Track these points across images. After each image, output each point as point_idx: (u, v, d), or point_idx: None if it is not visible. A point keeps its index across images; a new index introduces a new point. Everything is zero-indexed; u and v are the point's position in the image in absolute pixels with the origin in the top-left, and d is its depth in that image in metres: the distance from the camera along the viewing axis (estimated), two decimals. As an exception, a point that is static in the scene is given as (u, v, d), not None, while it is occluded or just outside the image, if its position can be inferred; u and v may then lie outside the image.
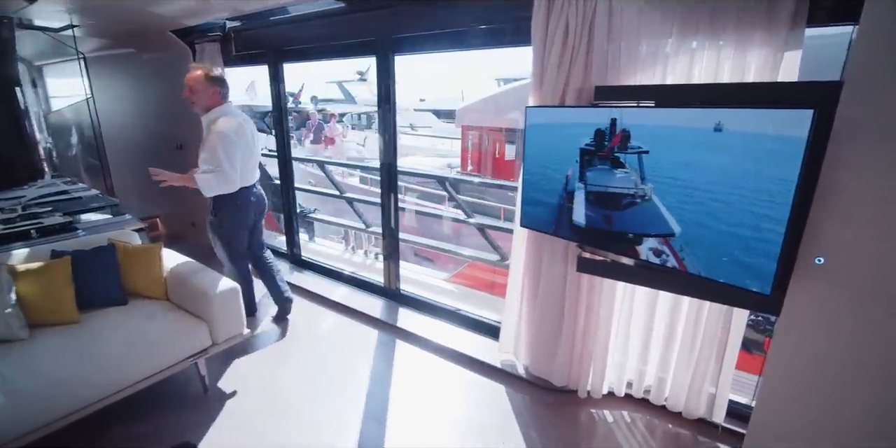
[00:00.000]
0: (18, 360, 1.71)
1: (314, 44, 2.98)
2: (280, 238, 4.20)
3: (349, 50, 2.81)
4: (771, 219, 1.31)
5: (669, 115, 1.49)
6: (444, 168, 6.89)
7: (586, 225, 1.73)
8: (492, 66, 24.64)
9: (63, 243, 2.24)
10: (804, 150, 1.22)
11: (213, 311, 2.10)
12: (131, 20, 3.06)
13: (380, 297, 3.04)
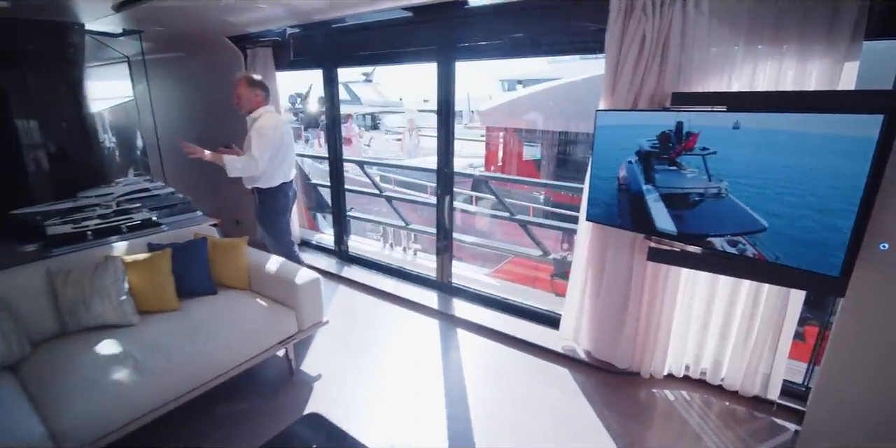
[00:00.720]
0: (140, 343, 1.85)
1: (371, 50, 3.14)
2: (317, 235, 4.35)
3: (408, 56, 2.97)
4: (840, 210, 1.49)
5: (744, 119, 1.66)
6: (466, 168, 7.05)
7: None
8: (494, 67, 24.85)
9: (154, 237, 2.39)
10: (874, 149, 1.40)
11: (299, 300, 2.25)
12: (197, 27, 3.21)
13: (432, 290, 3.20)
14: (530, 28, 2.47)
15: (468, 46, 2.69)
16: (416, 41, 2.86)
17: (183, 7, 2.57)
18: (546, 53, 2.69)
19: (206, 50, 3.78)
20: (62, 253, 2.13)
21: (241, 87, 2.68)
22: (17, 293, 1.87)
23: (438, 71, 2.83)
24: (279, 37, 3.43)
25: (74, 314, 1.91)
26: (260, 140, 2.60)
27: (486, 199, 5.19)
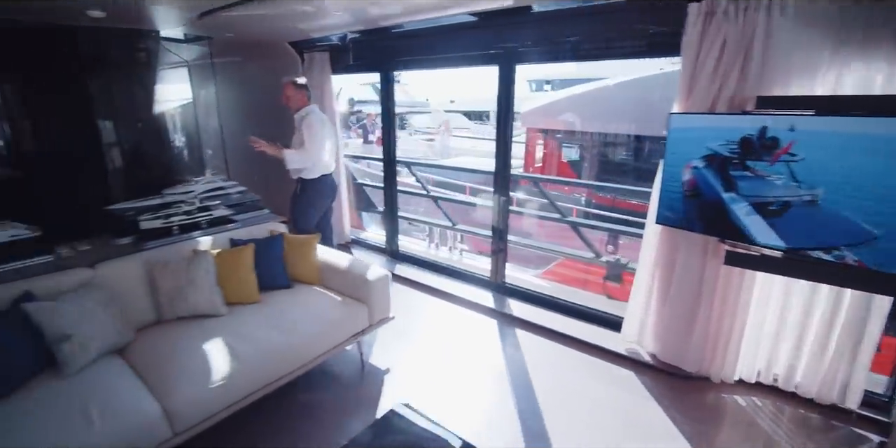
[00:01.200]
0: (232, 333, 1.96)
1: (429, 54, 3.22)
2: (363, 234, 4.46)
3: (468, 60, 3.04)
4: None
5: (837, 124, 1.64)
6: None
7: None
8: (523, 67, 24.78)
9: (233, 233, 2.52)
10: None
11: (371, 295, 2.33)
12: (264, 33, 3.36)
13: (486, 289, 3.25)
14: (594, 31, 2.50)
15: (529, 50, 2.73)
16: (477, 45, 2.92)
17: (258, 15, 2.70)
18: (609, 57, 2.70)
19: (266, 54, 3.94)
20: (154, 246, 2.28)
21: (290, 89, 3.12)
22: (120, 283, 2.02)
23: (500, 74, 2.88)
24: (339, 41, 3.54)
25: (171, 303, 2.04)
26: (311, 135, 3.03)
27: (532, 200, 5.19)
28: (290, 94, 3.13)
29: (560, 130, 6.17)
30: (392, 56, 3.41)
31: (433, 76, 8.70)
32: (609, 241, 4.34)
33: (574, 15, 2.53)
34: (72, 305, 1.72)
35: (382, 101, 3.63)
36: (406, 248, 3.98)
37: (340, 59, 3.69)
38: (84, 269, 1.99)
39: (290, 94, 3.13)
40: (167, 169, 3.55)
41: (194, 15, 2.64)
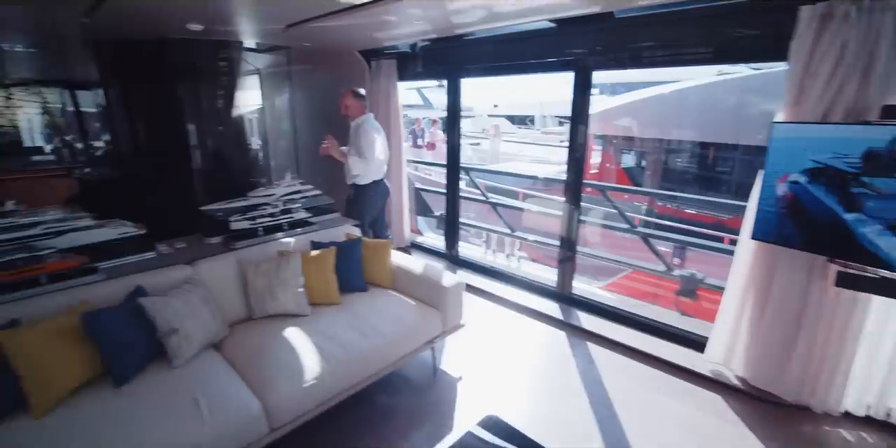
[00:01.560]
0: (319, 333, 2.02)
1: (500, 61, 3.21)
2: (419, 238, 4.50)
3: (542, 66, 3.00)
4: None
5: None
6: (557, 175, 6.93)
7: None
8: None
9: (311, 235, 2.61)
10: None
11: (446, 302, 2.34)
12: (339, 42, 3.47)
13: (551, 299, 3.18)
14: (677, 37, 2.40)
15: (608, 56, 2.67)
16: (552, 51, 2.89)
17: (342, 25, 2.80)
18: (692, 63, 2.59)
19: (336, 62, 4.07)
20: (243, 246, 2.39)
21: (349, 99, 3.22)
22: (216, 280, 2.13)
23: (575, 81, 2.83)
24: (409, 49, 3.61)
25: (261, 302, 2.13)
26: (368, 143, 3.17)
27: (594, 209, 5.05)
28: (349, 103, 3.21)
29: (618, 136, 5.98)
30: (461, 63, 3.43)
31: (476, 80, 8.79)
32: (675, 253, 4.15)
33: (658, 21, 2.45)
34: (179, 301, 1.83)
35: (449, 107, 3.66)
36: (465, 254, 3.98)
37: (408, 67, 3.76)
38: (184, 266, 2.12)
39: (350, 104, 3.21)
40: (244, 171, 3.74)
41: (283, 26, 2.76)
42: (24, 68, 3.41)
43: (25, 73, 3.40)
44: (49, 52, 3.23)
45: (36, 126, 3.41)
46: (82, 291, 1.83)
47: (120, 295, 1.86)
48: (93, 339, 1.63)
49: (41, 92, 3.33)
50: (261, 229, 2.53)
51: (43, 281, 1.84)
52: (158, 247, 2.34)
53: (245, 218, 2.48)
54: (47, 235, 1.95)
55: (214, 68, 3.64)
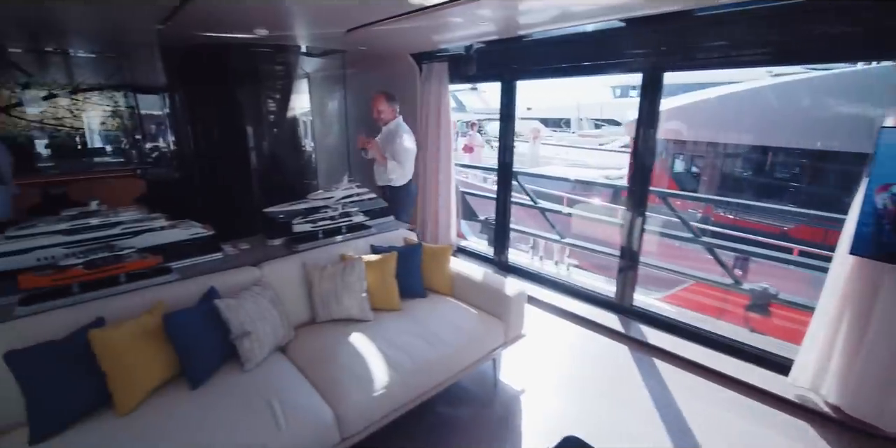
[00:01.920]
0: (384, 341, 1.98)
1: (560, 63, 3.11)
2: (463, 242, 4.43)
3: (606, 68, 2.89)
4: None
5: None
6: (601, 180, 6.73)
7: None
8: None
9: (370, 239, 2.59)
10: None
11: (509, 312, 2.26)
12: (396, 45, 3.47)
13: (609, 311, 3.04)
14: (759, 35, 2.24)
15: (681, 57, 2.52)
16: (617, 52, 2.76)
17: (401, 28, 2.77)
18: (771, 63, 2.43)
19: (387, 65, 4.07)
20: (305, 249, 2.39)
21: (382, 103, 3.24)
22: (282, 283, 2.13)
23: (644, 82, 2.70)
24: (464, 51, 3.56)
25: (326, 305, 2.12)
26: (405, 148, 3.22)
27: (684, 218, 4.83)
28: (382, 107, 3.21)
29: (670, 140, 5.74)
30: (517, 64, 3.35)
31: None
32: (736, 265, 3.92)
33: (738, 18, 2.29)
34: (251, 303, 1.84)
35: (502, 109, 3.59)
36: (514, 261, 3.88)
37: (459, 69, 3.71)
38: (252, 268, 2.14)
39: (383, 108, 3.22)
40: (298, 173, 3.79)
41: (345, 30, 2.77)
42: (95, 73, 3.58)
43: (96, 78, 3.57)
44: (120, 59, 3.38)
45: (106, 128, 3.58)
46: (158, 291, 1.87)
47: (194, 296, 1.88)
48: (172, 340, 1.65)
49: (113, 96, 3.48)
50: (321, 232, 2.53)
51: (122, 280, 1.89)
52: (224, 248, 2.38)
53: (307, 221, 2.49)
54: (125, 235, 2.01)
55: (272, 72, 3.69)
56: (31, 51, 3.03)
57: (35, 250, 1.80)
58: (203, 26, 2.71)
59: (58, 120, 3.30)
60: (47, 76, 3.20)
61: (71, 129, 3.50)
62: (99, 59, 3.45)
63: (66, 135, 3.36)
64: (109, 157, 3.82)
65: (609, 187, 6.00)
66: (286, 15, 2.48)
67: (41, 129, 3.26)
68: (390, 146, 3.27)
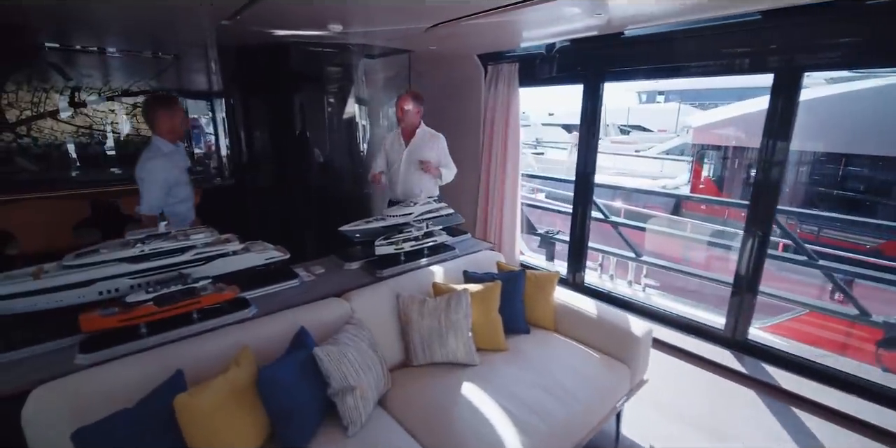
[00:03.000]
0: (500, 392, 1.64)
1: (662, 62, 2.76)
2: (523, 258, 4.07)
3: (723, 68, 2.53)
4: None
5: None
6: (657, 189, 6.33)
7: None
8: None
9: (455, 262, 2.26)
10: None
11: (636, 354, 1.91)
12: (468, 45, 3.16)
13: (716, 344, 2.65)
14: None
15: (830, 55, 2.15)
16: (742, 50, 2.40)
17: (490, 24, 2.46)
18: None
19: (450, 67, 3.77)
20: (390, 275, 2.07)
21: (412, 104, 2.76)
22: (371, 317, 1.80)
23: (775, 84, 2.33)
24: (544, 50, 3.23)
25: (428, 347, 1.78)
26: (447, 154, 2.92)
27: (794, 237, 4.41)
28: (414, 108, 2.76)
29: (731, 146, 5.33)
30: (606, 65, 3.01)
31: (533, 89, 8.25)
32: (838, 289, 3.49)
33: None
34: (353, 350, 1.51)
35: (584, 114, 3.24)
36: (590, 281, 3.51)
37: (531, 71, 3.38)
38: (338, 300, 1.82)
39: (416, 109, 2.78)
40: (356, 182, 3.49)
41: (427, 26, 2.47)
42: (146, 76, 3.33)
43: (147, 80, 3.32)
44: (172, 60, 3.14)
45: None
46: (240, 331, 1.55)
47: (282, 337, 1.56)
48: (265, 400, 1.33)
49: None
50: (402, 255, 2.21)
51: (196, 317, 1.58)
52: (298, 272, 2.07)
53: (390, 242, 2.17)
54: (197, 261, 1.71)
55: (331, 74, 3.42)
56: (81, 52, 2.81)
57: (97, 282, 1.51)
58: (270, 22, 2.44)
59: (106, 125, 3.06)
60: (97, 79, 2.96)
61: (121, 134, 3.25)
62: (151, 61, 3.21)
63: (116, 141, 3.11)
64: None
65: (671, 197, 5.59)
66: (369, 9, 2.18)
67: (90, 135, 3.02)
68: (435, 153, 2.88)
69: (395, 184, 2.92)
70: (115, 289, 1.53)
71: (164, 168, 2.12)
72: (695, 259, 4.53)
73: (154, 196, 2.10)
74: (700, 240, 4.23)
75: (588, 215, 3.40)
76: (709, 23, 2.42)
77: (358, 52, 3.34)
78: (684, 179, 6.46)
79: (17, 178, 2.66)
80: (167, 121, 2.17)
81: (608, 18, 2.34)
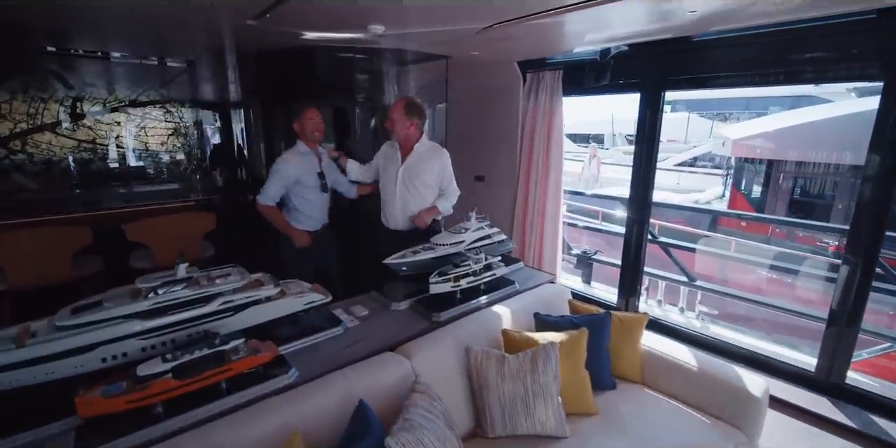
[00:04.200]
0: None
1: (744, 69, 2.46)
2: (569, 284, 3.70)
3: (814, 75, 2.22)
4: None
5: None
6: (692, 204, 5.99)
7: None
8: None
9: (523, 301, 1.93)
10: None
11: (753, 418, 1.57)
12: (510, 50, 2.87)
13: (805, 387, 2.30)
14: None
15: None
16: (846, 55, 2.10)
17: (554, 23, 2.16)
18: None
19: (487, 74, 3.46)
20: (448, 319, 1.74)
21: (404, 115, 2.36)
22: (434, 377, 1.46)
23: (885, 91, 2.03)
24: (598, 56, 2.94)
25: (509, 417, 1.44)
26: (451, 174, 2.53)
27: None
28: (404, 121, 2.36)
29: (774, 161, 5.02)
30: (670, 72, 2.70)
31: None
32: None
33: None
34: (431, 434, 1.16)
35: (641, 127, 2.92)
36: (648, 311, 3.17)
37: (578, 78, 3.08)
38: (396, 356, 1.48)
39: (407, 123, 2.36)
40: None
41: (482, 27, 2.16)
42: (156, 84, 3.01)
43: (158, 89, 3.01)
44: (186, 67, 2.84)
45: (167, 149, 2.98)
46: (283, 409, 1.21)
47: (336, 413, 1.23)
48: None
49: (177, 110, 2.92)
50: (458, 293, 1.87)
51: (224, 387, 1.24)
52: (339, 315, 1.73)
53: (444, 278, 1.83)
54: (225, 312, 1.37)
55: (360, 84, 3.11)
56: (83, 56, 2.50)
57: (101, 346, 1.17)
58: (303, 22, 2.13)
59: (112, 139, 2.73)
60: (101, 87, 2.64)
61: (125, 150, 2.92)
62: (160, 68, 2.90)
63: (121, 157, 2.78)
64: (172, 183, 3.19)
65: (707, 213, 5.24)
66: (425, 8, 1.88)
67: (92, 151, 2.69)
68: (435, 173, 2.44)
69: (392, 208, 2.48)
70: (122, 353, 1.20)
71: (295, 165, 2.25)
72: (744, 282, 4.20)
73: (273, 188, 2.21)
74: (760, 263, 3.90)
75: (645, 238, 3.06)
76: (800, 24, 2.12)
77: (391, 58, 3.04)
78: (715, 193, 6.14)
79: (11, 199, 2.33)
80: (301, 126, 2.32)
81: (698, 17, 2.04)
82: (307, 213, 2.36)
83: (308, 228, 2.36)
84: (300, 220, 2.36)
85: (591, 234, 5.07)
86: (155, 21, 2.18)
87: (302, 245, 2.32)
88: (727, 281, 4.35)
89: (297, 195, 2.31)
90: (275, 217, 2.27)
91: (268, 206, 2.22)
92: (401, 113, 2.36)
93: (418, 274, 1.95)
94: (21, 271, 2.03)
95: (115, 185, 2.74)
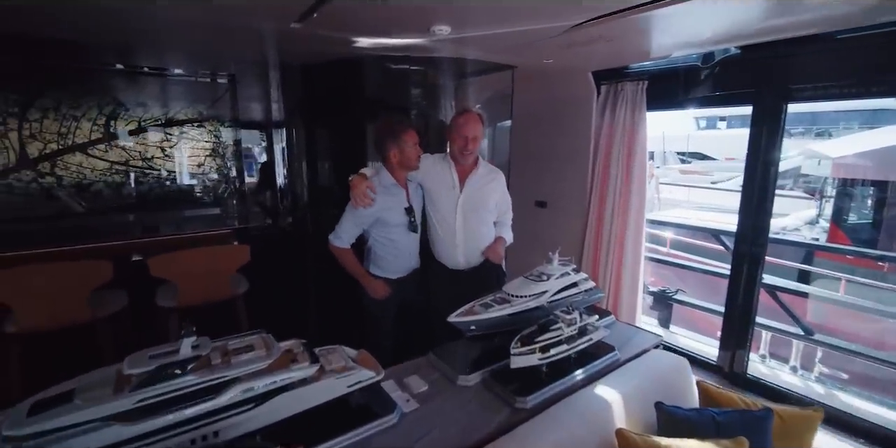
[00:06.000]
0: None
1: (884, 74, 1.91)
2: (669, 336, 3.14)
3: None
4: None
5: None
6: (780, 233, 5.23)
7: None
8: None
9: (632, 378, 1.44)
10: None
11: None
12: (592, 56, 2.45)
13: None
14: None
15: None
16: None
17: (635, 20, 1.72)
18: None
19: (555, 87, 3.05)
20: (535, 402, 1.28)
21: (482, 129, 1.99)
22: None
23: None
24: (700, 61, 2.46)
25: None
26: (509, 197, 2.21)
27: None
28: (481, 136, 2.01)
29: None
30: (792, 80, 2.19)
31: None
32: None
33: None
34: None
35: (754, 148, 2.39)
36: (752, 372, 2.55)
37: (667, 89, 2.61)
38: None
39: (481, 137, 2.02)
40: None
41: (572, 24, 1.76)
42: (192, 101, 2.80)
43: (195, 106, 2.80)
44: (225, 82, 2.63)
45: (203, 171, 2.72)
46: None
47: None
48: None
49: (215, 128, 2.69)
50: (545, 368, 1.41)
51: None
52: (390, 392, 1.32)
53: (530, 348, 1.38)
54: (246, 405, 0.99)
55: (413, 98, 2.78)
56: (118, 72, 2.31)
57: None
58: (354, 23, 1.81)
59: (146, 161, 2.51)
60: (135, 105, 2.44)
61: (161, 172, 2.70)
62: (198, 84, 2.70)
63: (155, 180, 2.55)
64: (206, 208, 2.93)
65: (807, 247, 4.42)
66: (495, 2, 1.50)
67: (125, 173, 2.48)
68: (496, 196, 2.10)
69: (450, 243, 2.05)
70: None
71: (376, 203, 1.82)
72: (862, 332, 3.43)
73: (348, 226, 1.86)
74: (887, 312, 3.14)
75: (759, 280, 2.48)
76: None
77: (448, 69, 2.70)
78: (804, 217, 5.31)
79: (27, 228, 2.12)
80: (399, 152, 1.88)
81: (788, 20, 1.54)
82: (389, 257, 1.96)
83: (390, 276, 1.97)
84: (381, 266, 1.96)
85: (656, 264, 4.46)
86: (191, 32, 1.94)
87: (378, 297, 1.92)
88: (837, 330, 3.60)
89: (378, 236, 1.92)
90: (347, 262, 1.89)
91: (342, 249, 1.85)
92: (481, 129, 2.00)
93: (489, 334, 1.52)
94: (31, 311, 1.78)
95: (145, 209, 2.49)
